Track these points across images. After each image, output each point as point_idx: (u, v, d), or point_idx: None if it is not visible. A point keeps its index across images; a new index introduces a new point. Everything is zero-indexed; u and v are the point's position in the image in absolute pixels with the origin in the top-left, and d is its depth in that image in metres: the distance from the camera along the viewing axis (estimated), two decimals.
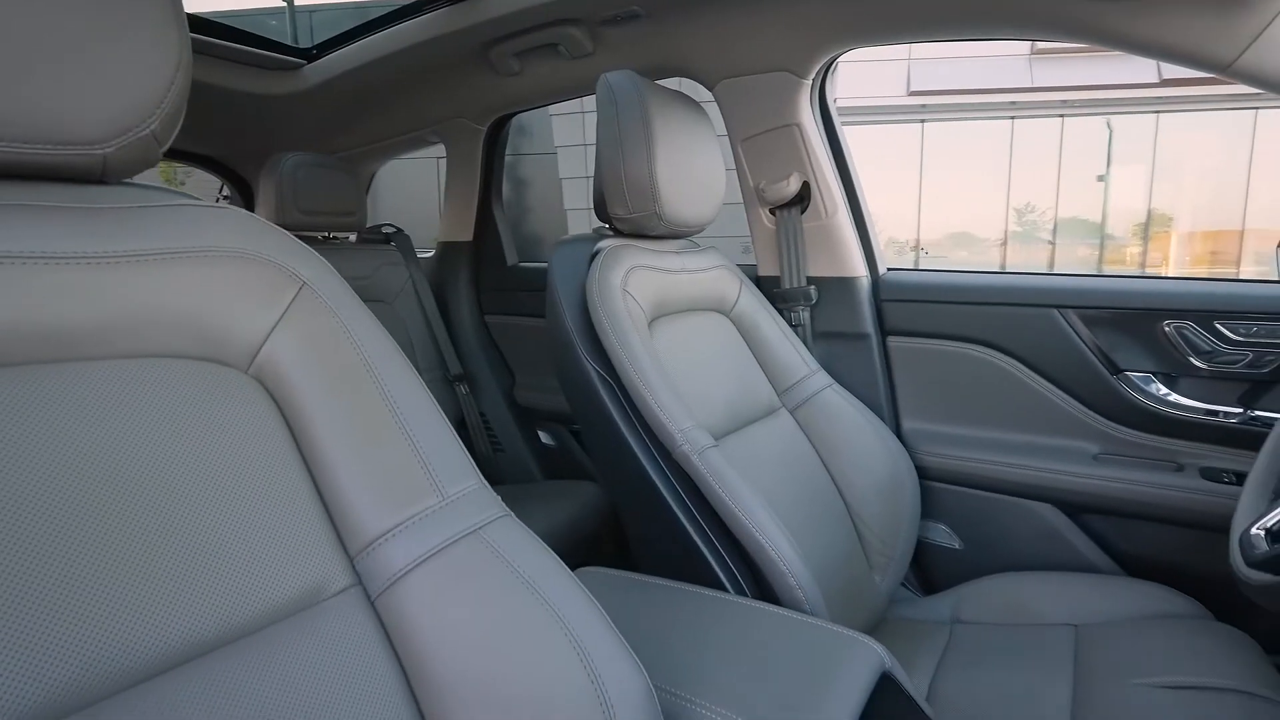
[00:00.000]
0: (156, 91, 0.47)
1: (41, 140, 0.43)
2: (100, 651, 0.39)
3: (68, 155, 0.45)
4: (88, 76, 0.44)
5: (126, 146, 0.47)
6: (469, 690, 0.48)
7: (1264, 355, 1.06)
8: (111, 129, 0.45)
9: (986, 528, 1.26)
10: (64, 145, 0.44)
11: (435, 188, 6.78)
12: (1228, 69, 0.89)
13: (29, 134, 0.42)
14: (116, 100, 0.45)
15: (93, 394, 0.45)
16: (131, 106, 0.46)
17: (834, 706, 0.58)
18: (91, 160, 0.46)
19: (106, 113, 0.45)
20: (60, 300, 0.44)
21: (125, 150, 0.47)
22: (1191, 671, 0.84)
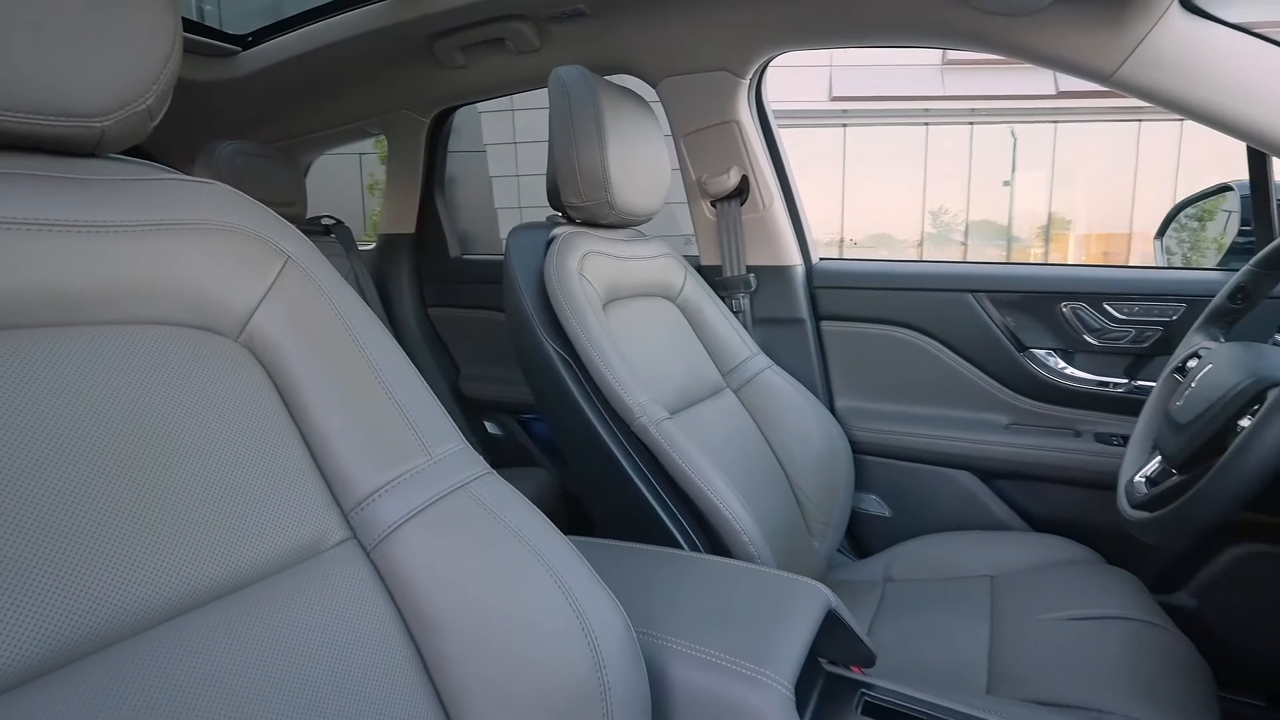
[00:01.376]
0: (153, 67, 0.49)
1: (44, 111, 0.45)
2: (108, 598, 0.41)
3: (67, 127, 0.46)
4: (90, 51, 0.45)
5: (123, 121, 0.48)
6: (463, 629, 0.52)
7: (1144, 331, 1.21)
8: (110, 103, 0.47)
9: (912, 495, 1.37)
10: (65, 117, 0.46)
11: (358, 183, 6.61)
12: (1109, 79, 1.01)
13: (32, 105, 0.44)
14: (116, 75, 0.47)
15: (94, 356, 0.47)
16: (130, 81, 0.48)
17: (788, 639, 0.65)
18: (90, 133, 0.47)
19: (107, 87, 0.47)
20: (62, 266, 0.46)
21: (121, 124, 0.49)
22: (1088, 605, 0.96)
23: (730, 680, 0.60)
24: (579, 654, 0.54)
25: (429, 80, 1.59)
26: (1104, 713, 0.76)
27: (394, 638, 0.52)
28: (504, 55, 1.44)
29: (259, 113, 1.75)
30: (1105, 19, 0.98)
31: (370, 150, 5.96)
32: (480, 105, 3.47)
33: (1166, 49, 0.97)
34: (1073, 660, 0.86)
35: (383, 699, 0.49)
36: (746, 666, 0.60)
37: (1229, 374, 0.78)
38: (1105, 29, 0.99)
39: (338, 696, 0.47)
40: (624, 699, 0.54)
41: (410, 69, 1.55)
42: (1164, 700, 0.78)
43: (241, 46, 1.57)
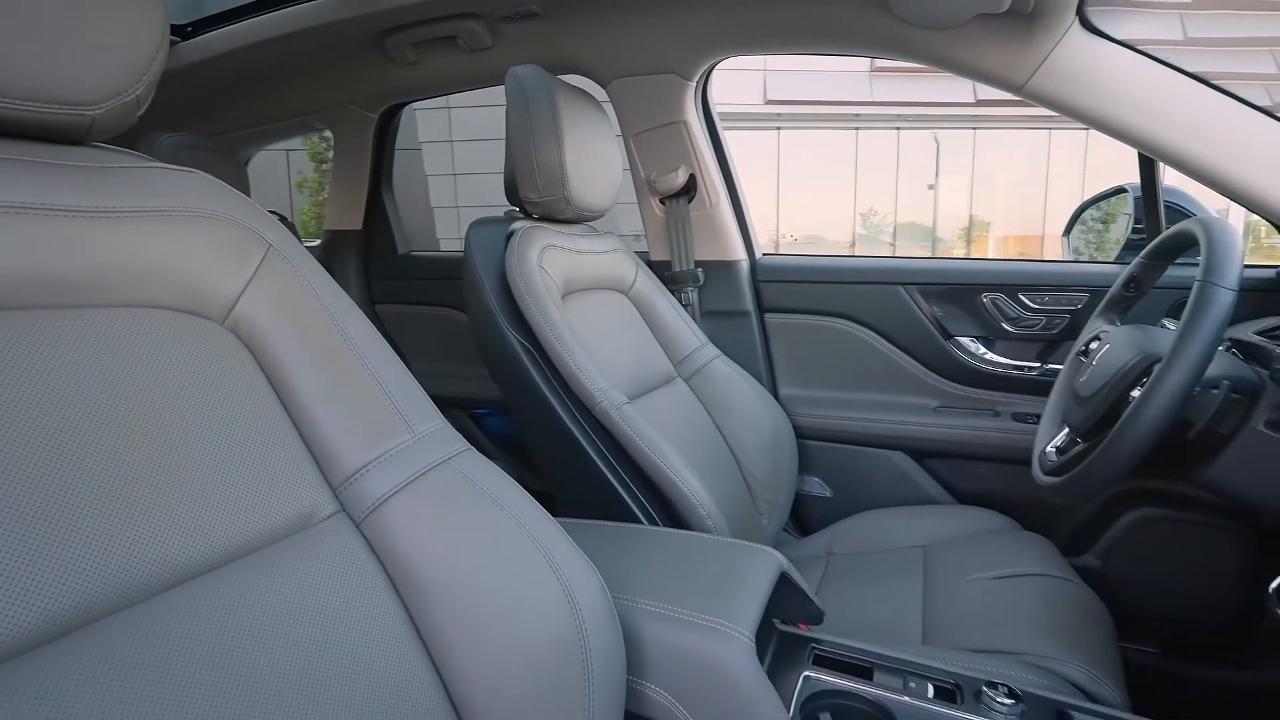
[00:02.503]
0: (144, 58, 0.50)
1: (37, 98, 0.46)
2: (109, 568, 0.42)
3: (59, 115, 0.48)
4: (83, 41, 0.47)
5: (113, 110, 0.50)
6: (451, 593, 0.56)
7: (1053, 319, 1.33)
8: (102, 92, 0.49)
9: (851, 476, 1.47)
10: (58, 105, 0.47)
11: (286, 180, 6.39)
12: (1021, 90, 1.12)
13: (25, 92, 0.45)
14: (109, 64, 0.49)
15: (87, 338, 0.48)
16: (121, 71, 0.49)
17: (748, 597, 0.71)
18: (81, 121, 0.49)
19: (99, 76, 0.48)
20: (56, 250, 0.47)
21: (111, 113, 0.50)
22: (1009, 566, 1.06)
23: (698, 634, 0.65)
24: (560, 613, 0.58)
25: (378, 76, 1.59)
26: (1023, 655, 0.85)
27: (385, 603, 0.55)
28: (456, 53, 1.46)
29: (200, 105, 1.71)
30: (1015, 35, 1.09)
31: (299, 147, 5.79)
32: (415, 103, 3.44)
33: (1068, 64, 1.08)
34: (996, 613, 0.95)
35: (376, 659, 0.52)
36: (712, 621, 0.66)
37: (1123, 352, 0.89)
38: (1015, 44, 1.09)
39: (333, 657, 0.50)
40: (602, 653, 0.59)
41: (359, 64, 1.55)
42: (1074, 644, 0.88)
43: (181, 37, 1.53)
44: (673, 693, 0.66)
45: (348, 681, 0.49)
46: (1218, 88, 1.05)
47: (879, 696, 0.71)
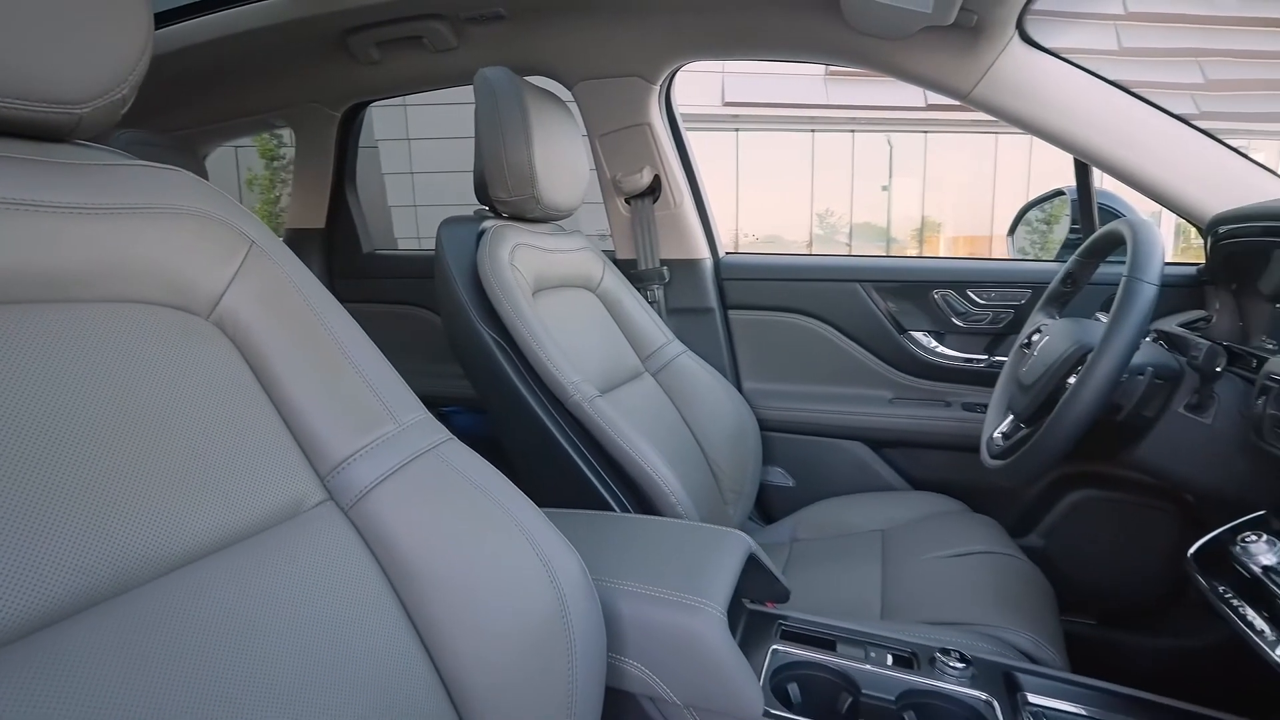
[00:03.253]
0: (131, 57, 0.52)
1: (25, 97, 0.47)
2: (108, 553, 0.43)
3: (47, 113, 0.48)
4: (72, 40, 0.48)
5: (100, 109, 0.51)
6: (439, 574, 0.58)
7: (999, 314, 1.41)
8: (90, 91, 0.50)
9: (812, 466, 1.52)
10: (45, 103, 0.48)
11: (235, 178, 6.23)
12: (966, 97, 1.19)
13: (14, 90, 0.46)
14: (96, 64, 0.50)
15: (80, 331, 0.49)
16: (109, 71, 0.51)
17: (719, 575, 0.75)
18: (68, 119, 0.50)
19: (87, 75, 0.49)
20: (47, 245, 0.48)
21: (98, 112, 0.51)
22: (960, 545, 1.13)
23: (673, 610, 0.69)
24: (543, 592, 0.61)
25: (342, 74, 1.58)
26: (974, 625, 0.91)
27: (374, 584, 0.57)
28: (421, 53, 1.47)
29: (157, 100, 1.67)
30: (961, 46, 1.15)
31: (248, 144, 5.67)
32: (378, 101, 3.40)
33: (1009, 74, 1.15)
34: (948, 588, 1.02)
35: (367, 638, 0.54)
36: (686, 598, 0.69)
37: (1060, 343, 0.96)
38: (961, 55, 1.16)
39: (326, 636, 0.52)
40: (584, 630, 0.62)
41: (322, 62, 1.55)
42: (1019, 614, 0.94)
43: None
44: (650, 667, 0.69)
45: (341, 659, 0.51)
46: (1142, 98, 1.14)
47: (843, 666, 0.76)
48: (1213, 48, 9.73)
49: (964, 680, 0.74)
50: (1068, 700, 0.74)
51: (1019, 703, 0.72)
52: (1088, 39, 9.70)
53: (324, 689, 0.49)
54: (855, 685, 0.74)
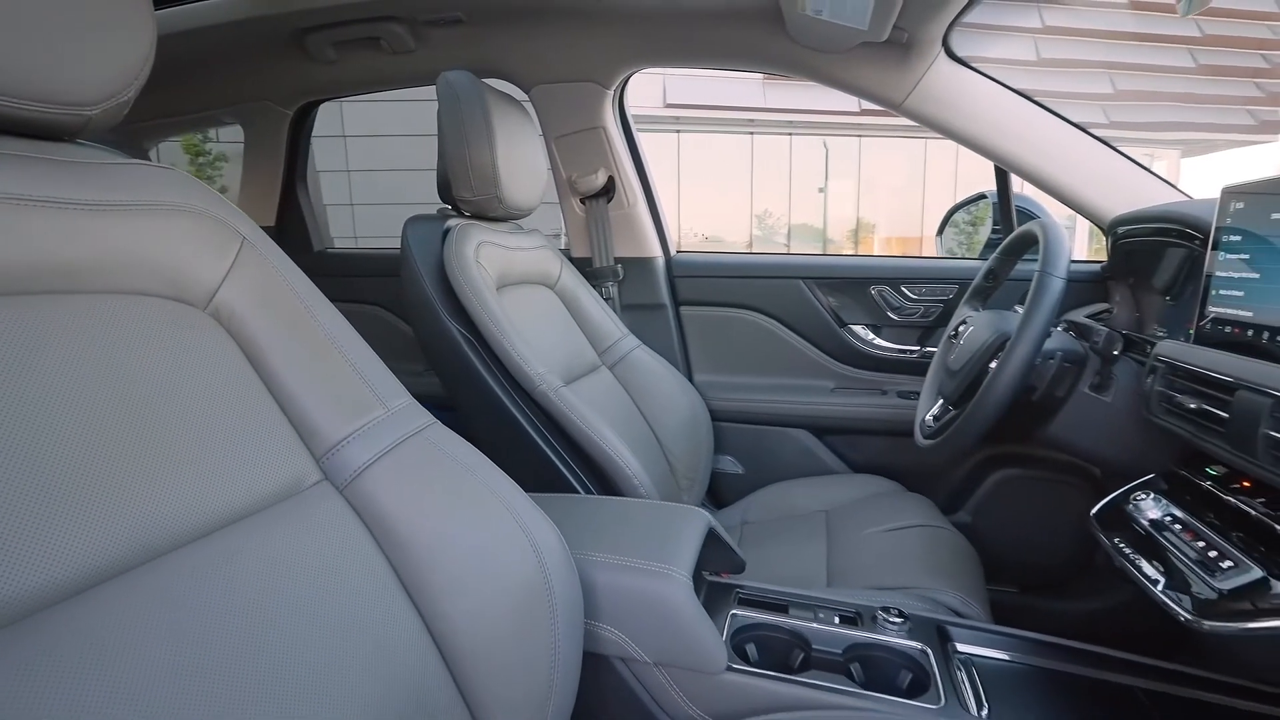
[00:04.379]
0: (137, 61, 0.54)
1: (40, 99, 0.49)
2: (110, 533, 0.46)
3: (59, 114, 0.51)
4: (84, 45, 0.51)
5: (107, 110, 0.54)
6: (430, 546, 0.63)
7: (930, 308, 1.52)
8: (100, 93, 0.53)
9: (760, 453, 1.61)
10: (59, 105, 0.51)
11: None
12: (899, 108, 1.29)
13: (30, 92, 0.49)
14: (106, 68, 0.52)
15: (88, 321, 0.52)
16: (118, 74, 0.53)
17: (683, 546, 0.81)
18: (78, 120, 0.52)
19: (98, 79, 0.52)
20: (59, 239, 0.51)
21: (105, 113, 0.54)
22: (897, 521, 1.23)
23: (643, 578, 0.75)
24: (526, 561, 0.66)
25: (296, 73, 1.58)
26: (910, 589, 1.01)
27: (370, 557, 0.61)
28: (378, 53, 1.48)
29: None
30: (894, 61, 1.25)
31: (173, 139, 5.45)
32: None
33: (937, 88, 1.25)
34: (887, 557, 1.11)
35: (365, 606, 0.58)
36: (654, 566, 0.76)
37: (983, 333, 1.06)
38: (894, 69, 1.26)
39: (327, 605, 0.56)
40: (564, 596, 0.68)
41: (276, 61, 1.54)
42: (949, 578, 1.04)
43: None
44: (623, 629, 0.75)
45: (343, 623, 0.55)
46: (1053, 111, 1.26)
47: (795, 626, 0.84)
48: (1121, 61, 10.42)
49: (902, 633, 0.83)
50: (990, 648, 0.83)
51: (949, 651, 0.81)
52: (1011, 50, 10.24)
53: (329, 650, 0.53)
54: (807, 642, 0.82)
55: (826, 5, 1.10)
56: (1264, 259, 0.72)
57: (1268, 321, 0.70)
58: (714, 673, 0.75)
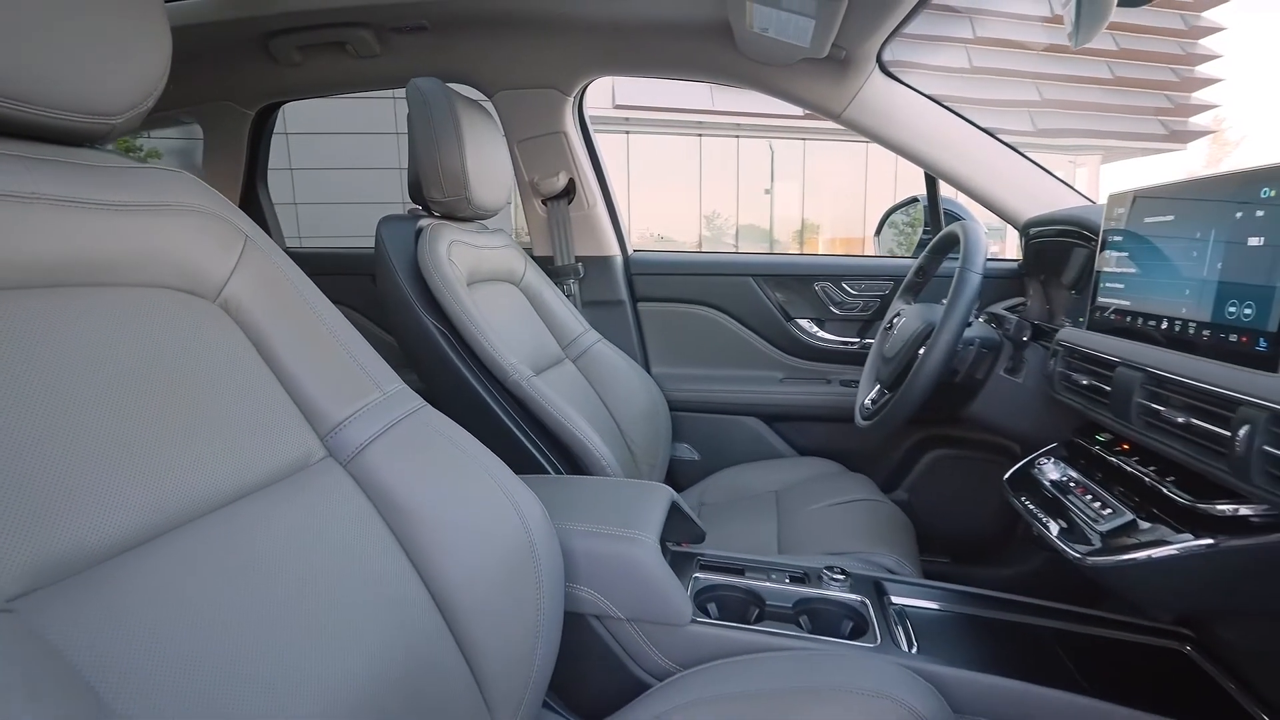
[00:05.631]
0: (155, 74, 0.60)
1: (73, 109, 0.55)
2: (149, 498, 0.51)
3: (88, 123, 0.56)
4: (110, 60, 0.56)
5: (129, 119, 0.59)
6: (427, 514, 0.69)
7: (868, 303, 1.65)
8: (125, 104, 0.58)
9: (715, 440, 1.71)
10: (89, 114, 0.56)
11: None
12: (839, 118, 1.41)
13: (63, 102, 0.54)
14: (130, 80, 0.58)
15: (115, 311, 0.57)
16: (140, 86, 0.59)
17: (650, 515, 0.90)
18: (104, 128, 0.58)
19: (122, 91, 0.57)
20: (88, 236, 0.56)
21: (127, 122, 0.59)
22: (841, 497, 1.34)
23: (616, 543, 0.84)
24: (513, 528, 0.74)
25: (258, 75, 1.60)
26: (852, 553, 1.12)
27: (374, 525, 0.68)
28: (343, 57, 1.52)
29: None
30: (833, 75, 1.37)
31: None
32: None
33: (872, 100, 1.38)
34: (832, 528, 1.22)
35: (372, 568, 0.65)
36: (627, 532, 0.84)
37: (913, 323, 1.18)
38: (833, 82, 1.37)
39: (338, 567, 0.62)
40: (547, 559, 0.75)
41: (239, 62, 1.56)
42: (886, 543, 1.15)
43: None
44: (599, 589, 0.84)
45: (355, 582, 0.62)
46: (974, 124, 1.40)
47: (750, 585, 0.94)
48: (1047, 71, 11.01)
49: (844, 588, 0.93)
50: (921, 599, 0.95)
51: (885, 603, 0.92)
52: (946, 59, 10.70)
53: (348, 605, 0.59)
54: (761, 599, 0.92)
55: (772, 23, 1.20)
56: (1140, 256, 0.85)
57: (1142, 309, 0.83)
58: (680, 625, 0.83)
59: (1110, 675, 0.81)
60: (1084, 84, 10.98)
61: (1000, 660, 0.81)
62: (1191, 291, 0.73)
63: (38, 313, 0.51)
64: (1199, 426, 0.67)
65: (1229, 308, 0.67)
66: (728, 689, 0.76)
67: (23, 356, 0.48)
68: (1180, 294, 0.75)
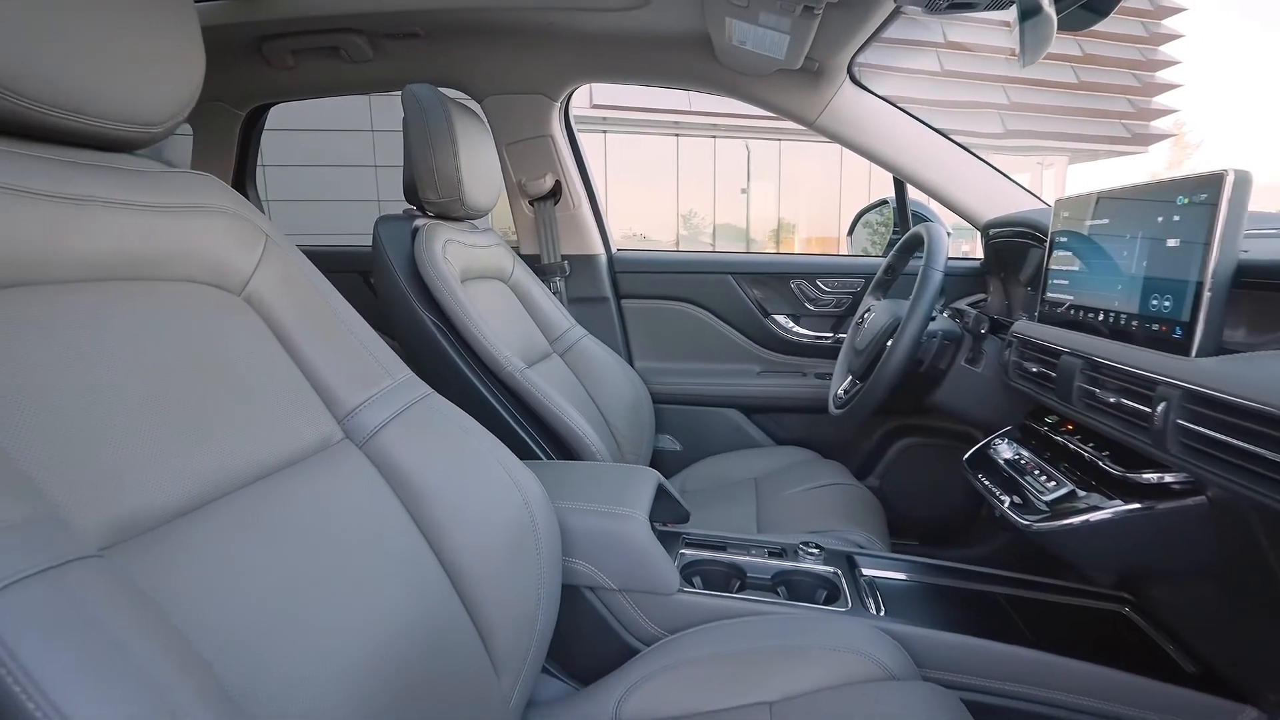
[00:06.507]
0: (192, 87, 0.66)
1: (122, 119, 0.60)
2: (199, 468, 0.56)
3: (133, 132, 0.62)
4: (154, 75, 0.62)
5: (167, 128, 0.65)
6: (437, 492, 0.76)
7: (840, 299, 1.74)
8: (166, 114, 0.64)
9: (696, 431, 1.79)
10: (135, 124, 0.61)
11: None
12: (813, 125, 1.49)
13: (113, 113, 0.59)
14: (170, 93, 0.63)
15: (151, 302, 0.62)
16: (179, 98, 0.64)
17: (640, 494, 0.97)
18: (146, 136, 0.63)
19: (164, 102, 0.63)
20: (135, 235, 0.61)
21: (165, 131, 0.65)
22: (816, 482, 1.42)
23: (609, 520, 0.91)
24: (515, 505, 0.80)
25: (251, 76, 1.64)
26: (826, 531, 1.20)
27: (390, 501, 0.74)
28: (336, 61, 1.57)
29: None
30: (807, 85, 1.45)
31: None
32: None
33: (844, 109, 1.46)
34: (807, 509, 1.30)
35: (389, 540, 0.71)
36: (619, 509, 0.91)
37: (882, 317, 1.27)
38: (807, 92, 1.46)
39: (359, 538, 0.68)
40: (546, 533, 0.82)
41: (232, 64, 1.60)
42: (858, 522, 1.24)
43: None
44: (593, 562, 0.90)
45: (372, 552, 0.68)
46: (938, 131, 1.49)
47: (732, 559, 1.01)
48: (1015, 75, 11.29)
49: (819, 561, 1.01)
50: (889, 570, 1.03)
51: (856, 574, 1.00)
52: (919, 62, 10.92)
53: (369, 571, 0.65)
54: (742, 572, 0.99)
55: (749, 37, 1.28)
56: (1082, 254, 0.93)
57: (1083, 303, 0.92)
58: (668, 594, 0.91)
59: (1057, 633, 0.90)
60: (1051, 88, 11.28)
61: (959, 621, 0.90)
62: (1123, 287, 0.82)
63: (96, 304, 0.57)
64: (1127, 405, 0.75)
65: (1152, 300, 0.76)
66: (712, 649, 0.83)
67: (93, 342, 0.54)
68: (1114, 289, 0.84)
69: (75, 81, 0.56)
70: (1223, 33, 46.46)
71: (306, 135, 5.20)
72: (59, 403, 0.49)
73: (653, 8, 1.33)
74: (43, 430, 0.47)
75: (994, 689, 0.85)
